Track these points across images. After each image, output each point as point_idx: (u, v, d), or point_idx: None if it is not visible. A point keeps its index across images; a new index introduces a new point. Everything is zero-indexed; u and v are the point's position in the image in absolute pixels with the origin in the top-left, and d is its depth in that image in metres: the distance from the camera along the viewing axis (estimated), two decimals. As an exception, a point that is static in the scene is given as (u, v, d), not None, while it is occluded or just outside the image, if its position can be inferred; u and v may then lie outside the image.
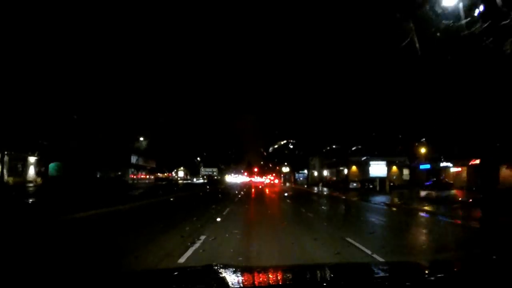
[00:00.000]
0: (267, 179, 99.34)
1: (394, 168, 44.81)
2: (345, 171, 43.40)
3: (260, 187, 56.30)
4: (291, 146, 62.14)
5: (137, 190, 30.82)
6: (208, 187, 42.97)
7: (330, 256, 6.86)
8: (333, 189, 37.24)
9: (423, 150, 40.03)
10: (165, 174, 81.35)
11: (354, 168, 43.61)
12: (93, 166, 40.88)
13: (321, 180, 53.00)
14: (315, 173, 59.30)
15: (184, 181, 72.75)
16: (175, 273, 2.41)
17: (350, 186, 34.31)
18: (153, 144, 56.36)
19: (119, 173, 52.09)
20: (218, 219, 12.49)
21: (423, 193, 22.97)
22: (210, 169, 67.72)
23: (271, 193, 33.12)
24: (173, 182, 68.36)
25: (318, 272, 2.60)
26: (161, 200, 21.74)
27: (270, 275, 2.35)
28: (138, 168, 54.86)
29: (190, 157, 71.69)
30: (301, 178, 67.72)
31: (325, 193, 33.72)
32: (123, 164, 48.64)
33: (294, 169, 69.11)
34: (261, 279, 2.23)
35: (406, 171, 44.98)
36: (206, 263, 2.52)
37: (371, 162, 28.59)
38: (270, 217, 14.90)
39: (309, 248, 7.82)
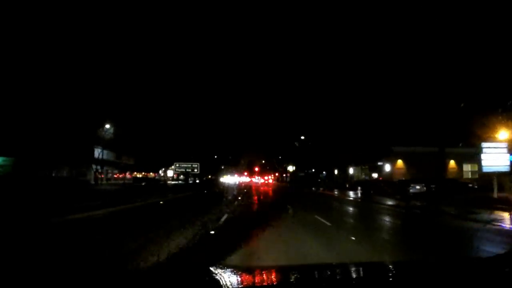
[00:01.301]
0: (261, 179, 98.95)
1: (452, 162, 32.64)
2: (390, 167, 31.40)
3: (259, 187, 44.98)
4: (303, 137, 51.08)
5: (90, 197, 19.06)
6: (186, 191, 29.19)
7: None
8: (389, 196, 21.03)
9: (505, 134, 27.89)
10: (151, 173, 70.14)
11: (399, 163, 31.44)
12: (31, 160, 28.86)
13: (344, 180, 40.89)
14: (335, 171, 47.48)
15: (173, 182, 61.81)
16: (171, 274, 2.26)
17: (411, 190, 21.84)
18: (131, 136, 44.77)
19: (90, 171, 40.19)
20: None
21: None
22: (189, 164, 52.55)
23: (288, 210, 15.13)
24: (161, 182, 57.21)
25: (317, 272, 2.39)
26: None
27: (268, 276, 2.22)
28: (105, 164, 42.48)
29: (182, 155, 60.41)
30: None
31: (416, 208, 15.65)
32: (83, 159, 36.48)
33: (301, 168, 59.22)
34: (259, 279, 2.11)
35: (466, 167, 33.06)
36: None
37: (484, 147, 16.35)
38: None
39: None
